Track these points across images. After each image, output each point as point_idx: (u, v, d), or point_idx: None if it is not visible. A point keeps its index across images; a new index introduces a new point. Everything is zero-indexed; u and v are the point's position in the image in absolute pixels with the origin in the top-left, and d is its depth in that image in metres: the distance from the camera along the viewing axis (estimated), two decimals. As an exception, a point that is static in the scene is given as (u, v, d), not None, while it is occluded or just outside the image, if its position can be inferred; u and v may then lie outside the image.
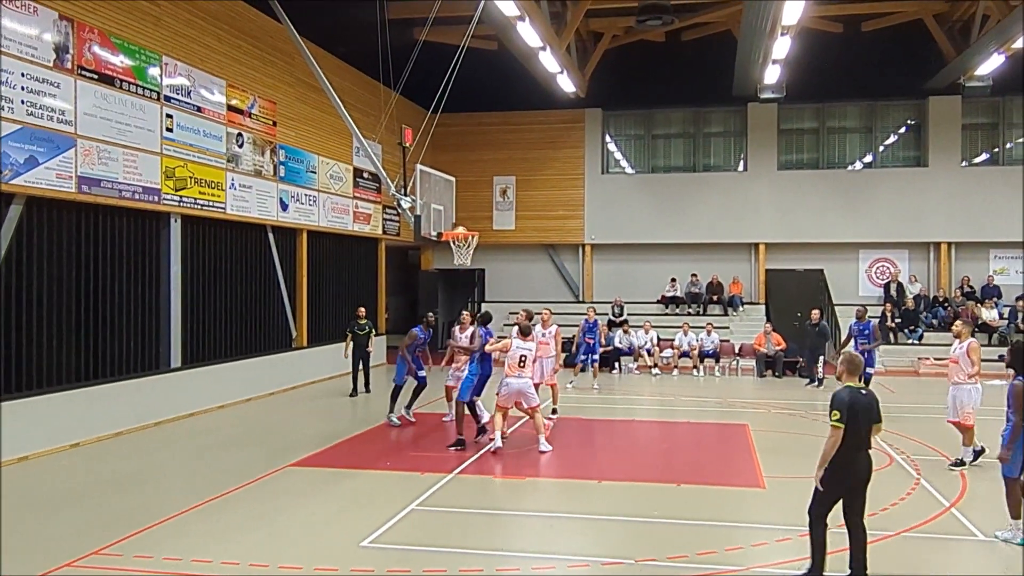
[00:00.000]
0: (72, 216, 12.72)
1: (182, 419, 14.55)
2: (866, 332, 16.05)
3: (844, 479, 6.75)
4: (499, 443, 11.91)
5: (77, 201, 12.47)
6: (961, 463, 10.99)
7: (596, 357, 19.32)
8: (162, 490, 10.07)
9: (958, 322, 11.79)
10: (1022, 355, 8.20)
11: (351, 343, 17.59)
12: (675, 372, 22.20)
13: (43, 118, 11.66)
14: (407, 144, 15.67)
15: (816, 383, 19.38)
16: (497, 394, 12.22)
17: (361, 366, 17.83)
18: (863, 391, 6.87)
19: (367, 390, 17.88)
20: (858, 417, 6.73)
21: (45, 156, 11.69)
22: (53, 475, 10.75)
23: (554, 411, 14.82)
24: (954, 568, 7.49)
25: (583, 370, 19.98)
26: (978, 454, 11.02)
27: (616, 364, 22.57)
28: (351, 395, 17.68)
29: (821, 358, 19.88)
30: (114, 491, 9.98)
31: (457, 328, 13.92)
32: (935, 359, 11.30)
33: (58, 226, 12.46)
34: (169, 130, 14.39)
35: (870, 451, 6.87)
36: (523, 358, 12.12)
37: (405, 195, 14.95)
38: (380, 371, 20.72)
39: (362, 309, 18.40)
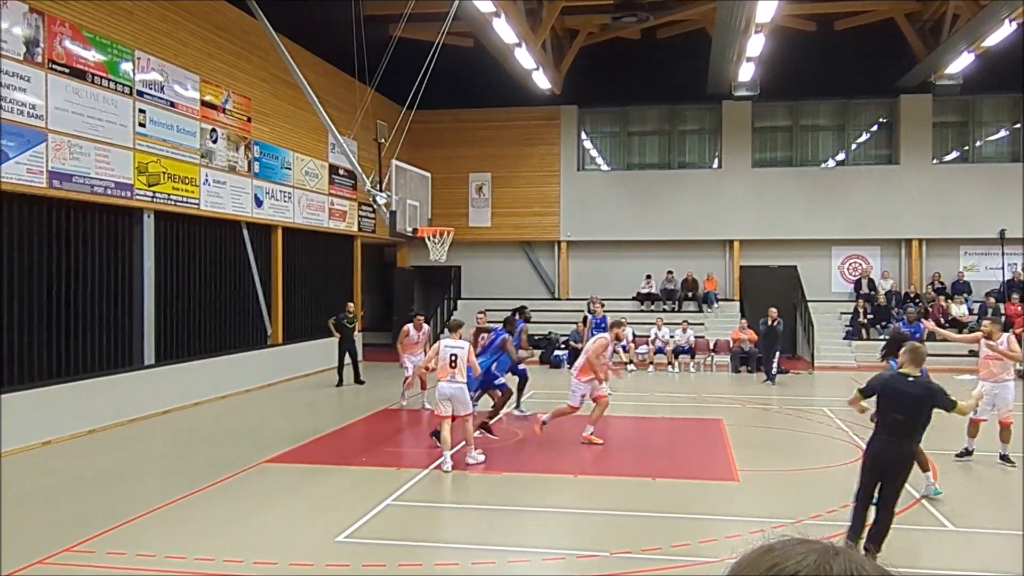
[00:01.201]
0: (43, 211, 12.60)
1: (156, 416, 14.44)
2: (917, 335, 14.38)
3: (874, 464, 6.85)
4: (449, 462, 10.59)
5: (48, 196, 12.36)
6: (967, 453, 11.05)
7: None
8: (136, 487, 10.00)
9: (986, 321, 11.73)
10: (895, 344, 9.18)
11: (339, 333, 18.27)
12: (651, 368, 22.31)
13: (13, 112, 11.53)
14: (383, 140, 15.66)
15: (769, 380, 19.47)
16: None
17: (348, 359, 18.38)
18: (911, 379, 6.79)
19: (360, 382, 18.32)
20: (893, 403, 6.71)
21: (15, 151, 11.56)
22: (25, 473, 10.62)
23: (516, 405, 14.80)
24: (925, 558, 7.60)
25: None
26: (968, 453, 11.08)
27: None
28: (337, 385, 18.24)
29: (777, 354, 19.93)
30: (87, 488, 9.90)
31: (411, 326, 15.70)
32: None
33: (29, 222, 12.33)
34: (142, 125, 14.27)
35: (907, 441, 6.84)
36: (454, 358, 10.81)
37: (381, 191, 14.91)
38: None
39: (351, 304, 18.94)
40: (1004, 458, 10.88)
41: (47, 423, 12.18)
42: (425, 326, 16.11)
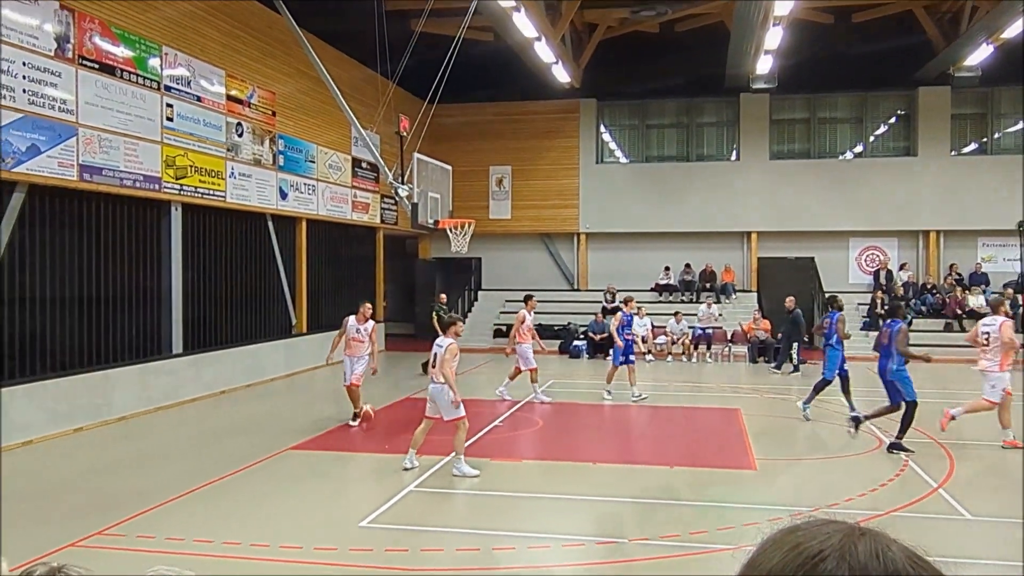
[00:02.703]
0: (74, 204, 12.88)
1: (184, 404, 14.72)
2: None
3: None
4: (412, 462, 10.13)
5: (79, 189, 12.62)
6: None
7: (634, 358, 15.93)
8: (164, 473, 10.21)
9: None
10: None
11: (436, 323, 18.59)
12: (669, 358, 22.44)
13: (45, 107, 11.79)
14: (404, 132, 15.82)
15: (794, 369, 19.57)
16: None
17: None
18: None
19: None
20: None
21: (47, 144, 11.83)
22: (56, 459, 10.92)
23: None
24: (942, 546, 7.71)
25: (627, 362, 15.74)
26: None
27: (611, 351, 22.70)
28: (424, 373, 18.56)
29: (796, 345, 20.04)
30: (117, 474, 10.16)
31: (354, 318, 13.59)
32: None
33: (60, 214, 12.62)
34: (169, 119, 14.53)
35: None
36: (434, 357, 10.07)
37: (403, 183, 15.11)
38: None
39: (443, 295, 19.78)
40: None
41: (78, 411, 12.49)
42: (369, 322, 13.80)
